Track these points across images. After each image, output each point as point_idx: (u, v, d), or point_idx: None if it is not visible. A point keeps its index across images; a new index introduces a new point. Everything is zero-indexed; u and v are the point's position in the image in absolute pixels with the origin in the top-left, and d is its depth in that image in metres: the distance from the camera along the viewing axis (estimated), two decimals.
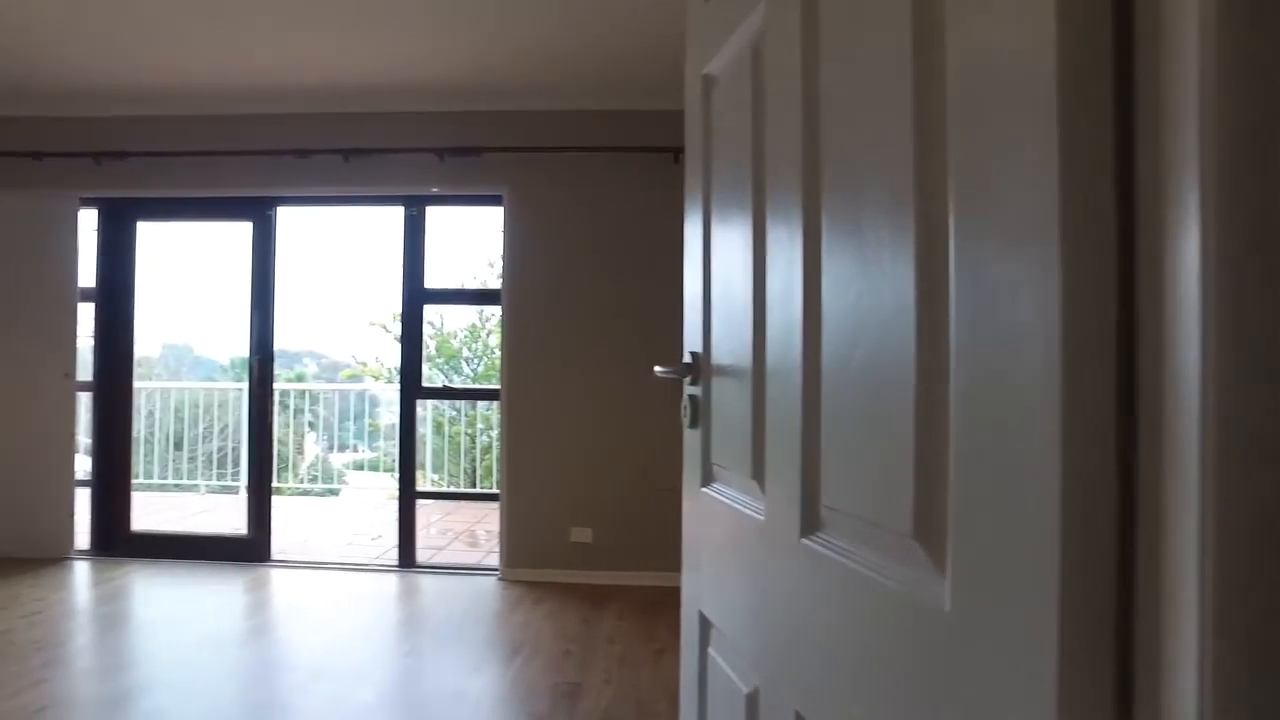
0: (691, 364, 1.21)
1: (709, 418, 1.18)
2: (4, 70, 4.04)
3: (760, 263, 0.99)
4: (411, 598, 4.02)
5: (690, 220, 1.31)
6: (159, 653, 3.17)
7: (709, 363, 1.18)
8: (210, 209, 4.64)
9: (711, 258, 1.21)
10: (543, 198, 4.33)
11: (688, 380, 1.24)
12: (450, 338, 7.62)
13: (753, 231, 1.02)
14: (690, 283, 1.30)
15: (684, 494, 1.32)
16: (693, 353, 1.23)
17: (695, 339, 1.23)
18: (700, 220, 1.26)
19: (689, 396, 1.23)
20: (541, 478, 4.28)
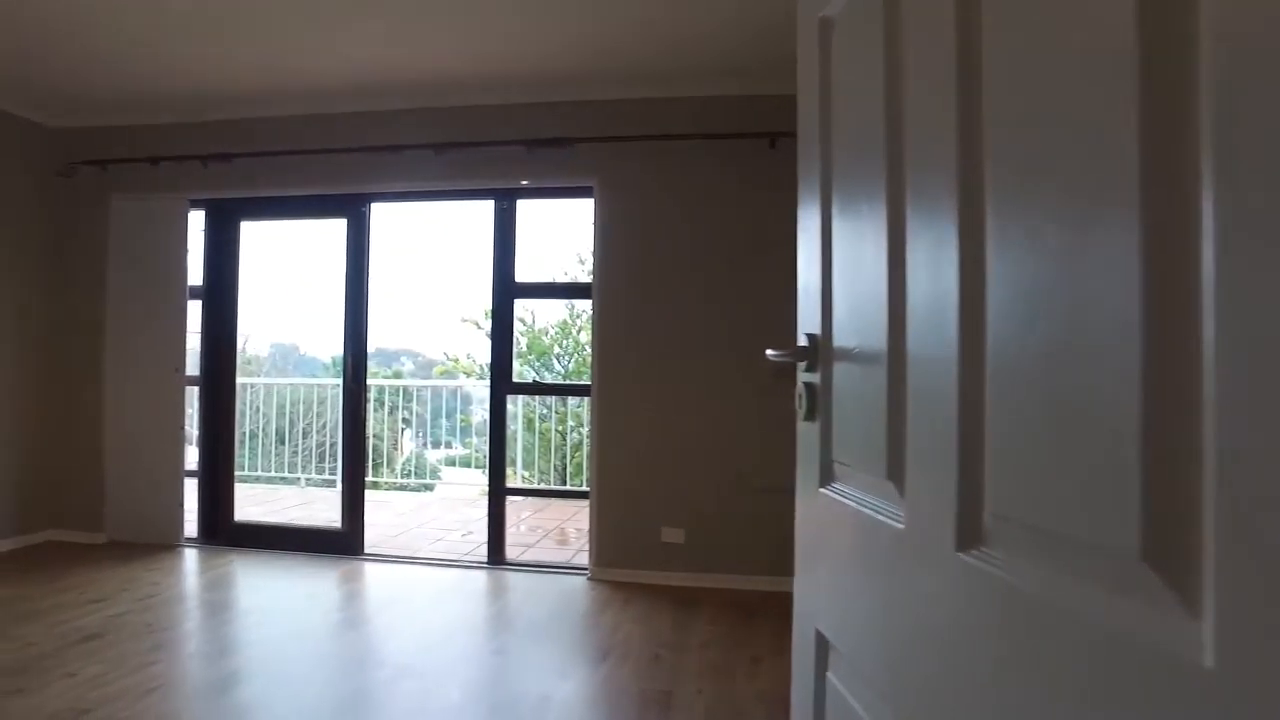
0: (808, 347, 1.06)
1: (829, 409, 1.03)
2: (125, 82, 4.21)
3: (898, 236, 0.84)
4: (500, 595, 3.98)
5: (805, 189, 1.16)
6: (256, 641, 3.21)
7: (830, 346, 1.02)
8: (307, 206, 4.73)
9: (832, 229, 1.06)
10: (633, 188, 4.22)
11: (803, 366, 1.08)
12: (541, 334, 7.62)
13: (888, 201, 0.86)
14: (805, 257, 1.14)
15: (798, 494, 1.16)
16: (809, 335, 1.07)
17: (812, 320, 1.08)
18: (817, 189, 1.10)
19: (804, 385, 1.08)
20: (632, 476, 4.17)
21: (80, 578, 4.01)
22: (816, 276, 1.09)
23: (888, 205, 0.86)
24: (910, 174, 0.82)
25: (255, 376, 8.64)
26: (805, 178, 1.17)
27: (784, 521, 3.88)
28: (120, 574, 4.08)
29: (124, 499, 4.73)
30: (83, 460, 4.79)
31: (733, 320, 4.07)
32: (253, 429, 7.24)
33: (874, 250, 0.89)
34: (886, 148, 0.87)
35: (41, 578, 4.01)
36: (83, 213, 4.83)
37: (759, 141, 4.01)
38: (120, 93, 4.39)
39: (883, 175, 0.87)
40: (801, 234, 1.17)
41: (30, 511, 4.74)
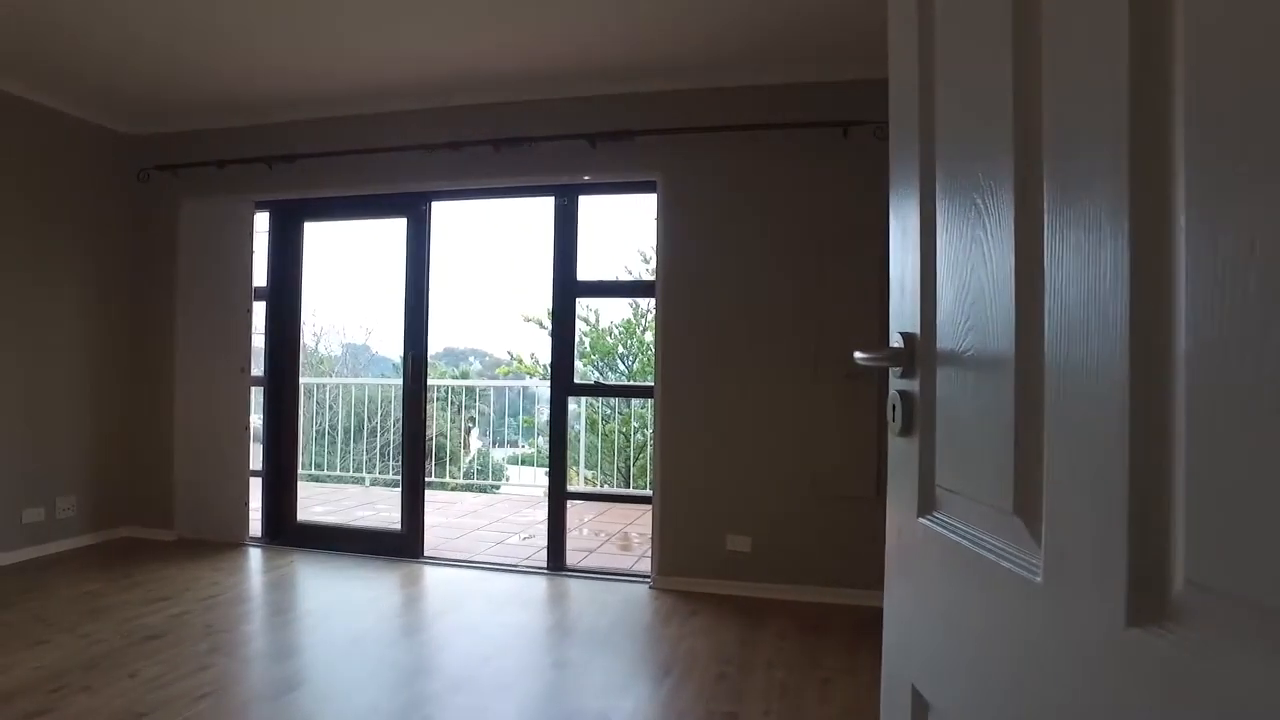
0: (903, 350, 0.88)
1: (930, 422, 0.85)
2: (194, 87, 4.26)
3: (1030, 223, 0.65)
4: (559, 603, 3.86)
5: (899, 174, 0.98)
6: (310, 646, 3.16)
7: (931, 349, 0.85)
8: (368, 206, 4.71)
9: (935, 216, 0.88)
10: (698, 182, 4.05)
11: (896, 372, 0.91)
12: (606, 334, 7.52)
13: (1016, 186, 0.69)
14: (899, 247, 0.97)
15: (889, 521, 0.99)
16: (904, 334, 0.90)
17: (907, 318, 0.90)
18: (915, 173, 0.92)
19: (898, 393, 0.90)
20: (697, 481, 4.00)
21: (148, 575, 4.06)
22: (913, 269, 0.92)
23: (1015, 190, 0.68)
24: (1050, 154, 0.64)
25: (327, 376, 8.80)
26: (899, 162, 1.00)
27: (855, 530, 3.67)
28: (185, 573, 4.11)
29: (192, 498, 4.80)
30: (155, 459, 4.88)
31: (803, 319, 3.87)
32: (319, 428, 7.33)
33: (995, 240, 0.71)
34: (1015, 124, 0.69)
35: (114, 574, 4.08)
36: (155, 216, 4.92)
37: (831, 131, 3.81)
38: (190, 98, 4.44)
39: (1009, 155, 0.69)
40: (895, 222, 1.00)
41: (108, 508, 4.85)
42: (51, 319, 4.52)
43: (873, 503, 3.78)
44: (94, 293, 4.77)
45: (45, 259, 4.48)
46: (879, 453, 3.78)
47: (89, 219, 4.74)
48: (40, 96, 4.39)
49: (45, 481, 4.50)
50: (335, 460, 7.31)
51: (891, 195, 1.01)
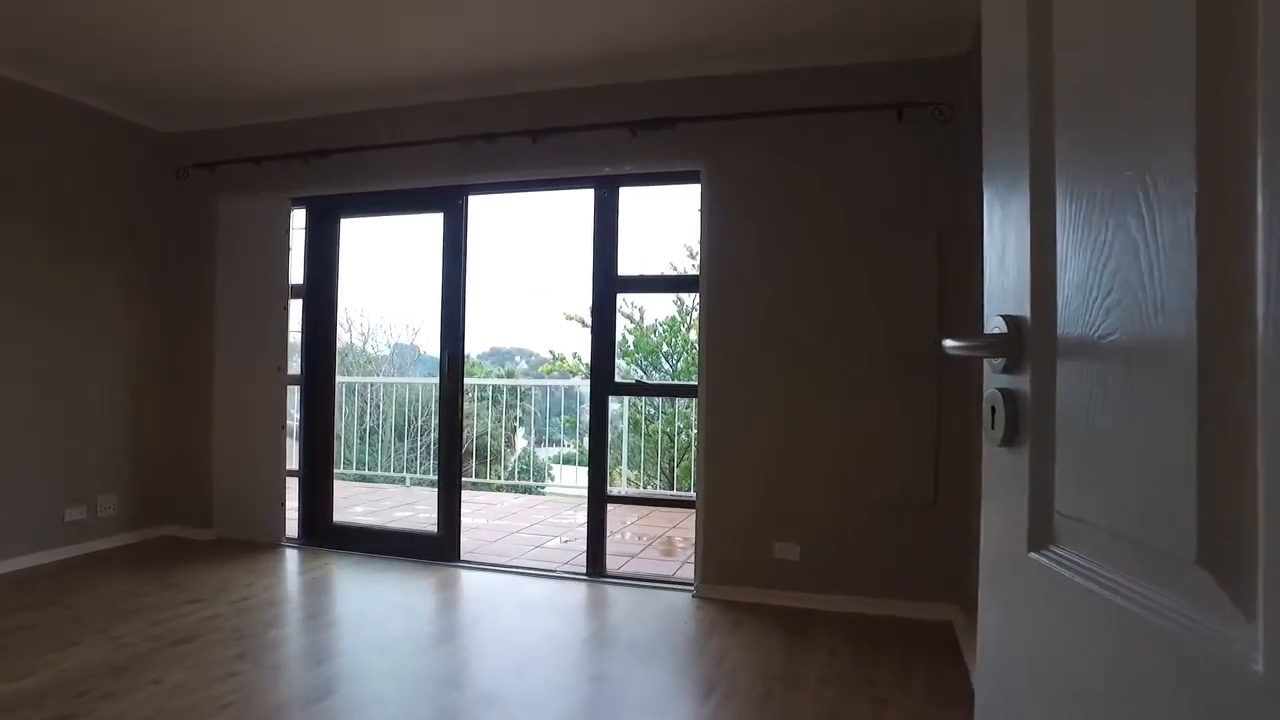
0: (1008, 336, 0.69)
1: (1047, 429, 0.66)
2: (231, 84, 4.19)
3: (1222, 177, 0.46)
4: (598, 612, 3.70)
5: (995, 128, 0.78)
6: (338, 654, 3.04)
7: (1050, 334, 0.65)
8: (404, 201, 4.60)
9: (1056, 163, 0.68)
10: (742, 170, 3.85)
11: (998, 365, 0.71)
12: (649, 332, 7.34)
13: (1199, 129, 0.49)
14: (1000, 213, 0.77)
15: (984, 555, 0.79)
16: (1008, 318, 0.70)
17: (1011, 297, 0.71)
18: (1026, 104, 0.72)
19: (999, 392, 0.71)
20: (743, 484, 3.81)
21: (184, 575, 4.01)
22: (1020, 237, 0.72)
23: (1199, 133, 0.49)
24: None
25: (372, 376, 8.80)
26: (998, 116, 0.80)
27: (910, 539, 3.42)
28: (220, 574, 4.05)
29: (230, 497, 4.75)
30: (194, 458, 4.85)
31: (855, 313, 3.64)
32: (363, 429, 7.30)
33: (1162, 182, 0.52)
34: (1199, 56, 0.50)
35: (150, 574, 4.03)
36: (193, 214, 4.89)
37: (883, 114, 3.58)
38: (226, 95, 4.38)
39: (1190, 84, 0.50)
40: (992, 189, 0.80)
41: (148, 508, 4.83)
42: (93, 318, 4.51)
43: (930, 510, 3.55)
44: (134, 292, 4.75)
45: (86, 258, 4.47)
46: (937, 456, 3.54)
47: (129, 218, 4.73)
48: (81, 95, 4.38)
49: (87, 480, 4.49)
50: (377, 460, 7.27)
51: (986, 157, 0.82)
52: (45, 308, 4.26)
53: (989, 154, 0.83)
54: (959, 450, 3.47)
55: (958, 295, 3.47)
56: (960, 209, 3.45)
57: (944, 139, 3.53)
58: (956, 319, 3.47)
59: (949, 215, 3.52)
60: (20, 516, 4.15)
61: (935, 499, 3.54)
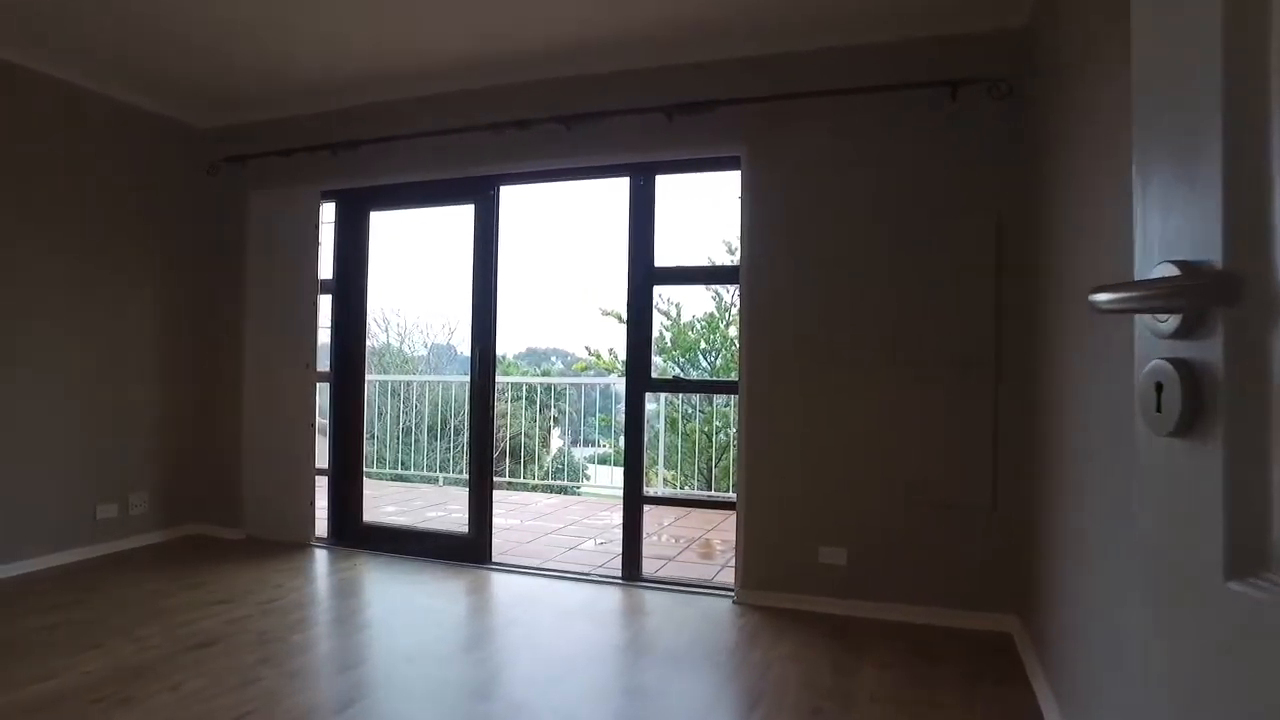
0: (1190, 286, 0.50)
1: (1257, 414, 0.47)
2: (253, 75, 4.12)
3: None
4: (634, 618, 3.52)
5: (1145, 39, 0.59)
6: (364, 661, 2.91)
7: (1269, 278, 0.46)
8: (434, 192, 4.48)
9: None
10: (785, 155, 3.66)
11: (1170, 324, 0.53)
12: (687, 329, 7.15)
13: None
14: (1170, 131, 0.58)
15: (1150, 582, 0.60)
16: (1185, 264, 0.51)
17: (1193, 239, 0.52)
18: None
19: (1169, 365, 0.52)
20: (786, 485, 3.61)
21: (211, 575, 3.93)
22: (1211, 162, 0.53)
23: None
24: None
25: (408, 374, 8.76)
26: None
27: (967, 544, 3.18)
28: (248, 574, 3.97)
29: (259, 496, 4.68)
30: (224, 457, 4.79)
31: (905, 305, 3.43)
32: (393, 427, 7.23)
33: None
34: None
35: (178, 574, 3.97)
36: (224, 209, 4.83)
37: (936, 91, 3.36)
38: (256, 87, 4.31)
39: None
40: (1143, 99, 0.62)
41: (179, 505, 4.78)
42: (124, 315, 4.47)
43: (987, 514, 3.32)
44: (166, 289, 4.71)
45: (119, 255, 4.43)
46: (996, 456, 3.30)
47: (162, 214, 4.69)
48: (113, 90, 4.33)
49: (118, 478, 4.45)
50: (412, 459, 7.20)
51: (1138, 74, 0.64)
52: (78, 306, 4.23)
53: (1144, 63, 0.64)
54: (1019, 450, 3.23)
55: (1017, 283, 3.24)
56: (1022, 190, 3.22)
57: (1002, 116, 3.30)
58: (1016, 308, 3.24)
59: (1008, 198, 3.29)
60: (53, 514, 4.12)
61: (994, 502, 3.31)
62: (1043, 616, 2.74)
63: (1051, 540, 2.65)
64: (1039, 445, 2.94)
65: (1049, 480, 2.73)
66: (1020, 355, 3.24)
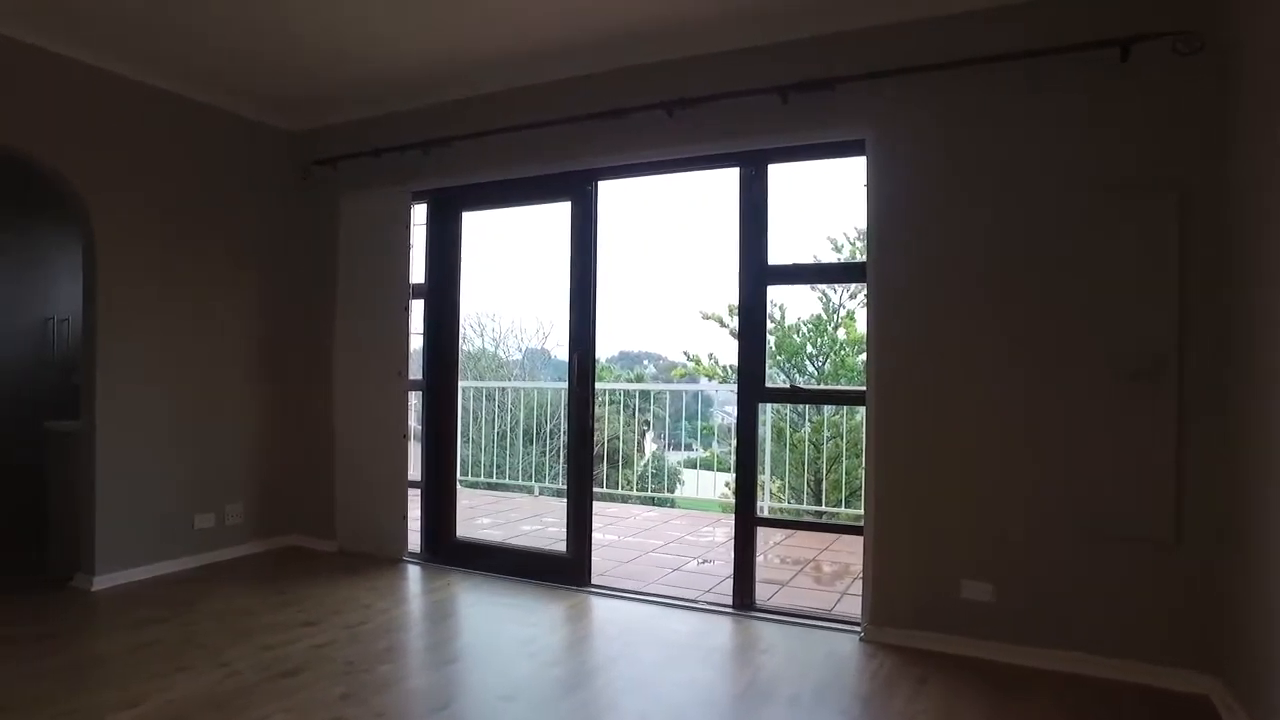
0: None
1: None
2: (348, 73, 3.98)
3: None
4: (748, 657, 3.15)
5: None
6: (454, 699, 2.63)
7: None
8: (529, 190, 4.22)
9: None
10: (919, 136, 3.22)
11: None
12: (792, 331, 6.71)
13: None
14: None
15: None
16: None
17: None
18: None
19: None
20: (922, 508, 3.17)
21: (301, 592, 3.79)
22: None
23: None
24: None
25: (503, 380, 8.65)
26: None
27: (1144, 584, 2.61)
28: (338, 592, 3.80)
29: (351, 508, 4.54)
30: (317, 467, 4.68)
31: (1065, 303, 2.95)
32: (490, 435, 7.08)
33: None
34: None
35: (269, 588, 3.85)
36: (317, 214, 4.74)
37: (1102, 53, 2.86)
38: (345, 86, 4.18)
39: None
40: None
41: (274, 517, 4.71)
42: (221, 325, 4.41)
43: (1168, 549, 2.79)
44: (262, 298, 4.64)
45: (214, 264, 4.38)
46: (1180, 481, 2.78)
47: (259, 221, 4.62)
48: (211, 97, 4.28)
49: (216, 488, 4.39)
50: (506, 466, 7.02)
51: None
52: (179, 317, 4.19)
53: None
54: (1212, 474, 2.70)
55: (1209, 276, 2.72)
56: (1216, 163, 2.70)
57: (1189, 77, 2.78)
58: (1207, 306, 2.72)
59: (1197, 172, 2.77)
60: (155, 524, 4.08)
61: (1178, 535, 2.78)
62: (1262, 683, 2.23)
63: (1273, 588, 2.14)
64: (1247, 470, 2.42)
65: (1267, 513, 2.22)
66: (1212, 362, 2.71)
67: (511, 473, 6.98)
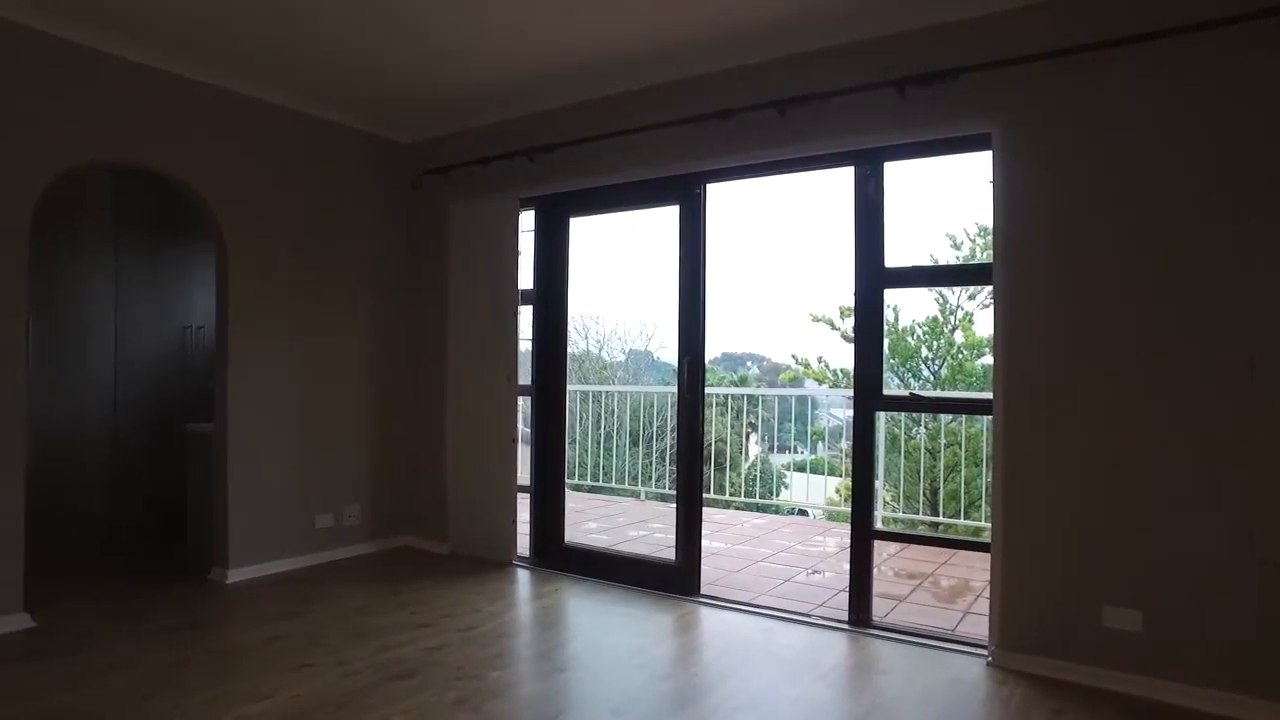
0: None
1: None
2: (457, 83, 4.05)
3: None
4: (866, 678, 3.00)
5: None
6: (567, 713, 2.59)
7: None
8: (636, 194, 4.18)
9: None
10: (1054, 126, 2.99)
11: None
12: (906, 334, 6.45)
13: None
14: None
15: None
16: None
17: None
18: None
19: None
20: (1057, 525, 2.95)
21: (415, 594, 3.87)
22: None
23: None
24: None
25: (607, 384, 8.69)
26: None
27: None
28: (450, 594, 3.87)
29: (462, 512, 4.63)
30: (430, 470, 4.79)
31: (1224, 300, 2.67)
32: (597, 438, 7.10)
33: None
34: None
35: (384, 589, 3.96)
36: (428, 222, 4.86)
37: (1266, 23, 2.58)
38: (454, 98, 4.26)
39: None
40: None
41: (389, 518, 4.85)
42: (339, 332, 4.58)
43: None
44: (378, 305, 4.80)
45: (335, 274, 4.56)
46: None
47: (374, 231, 4.78)
48: (328, 112, 4.45)
49: (335, 490, 4.55)
50: (611, 470, 7.03)
51: None
52: (301, 324, 4.37)
53: None
54: None
55: None
56: None
57: None
58: None
59: None
60: (280, 522, 4.27)
61: None
62: None
63: None
64: None
65: None
66: None
67: (617, 476, 6.98)
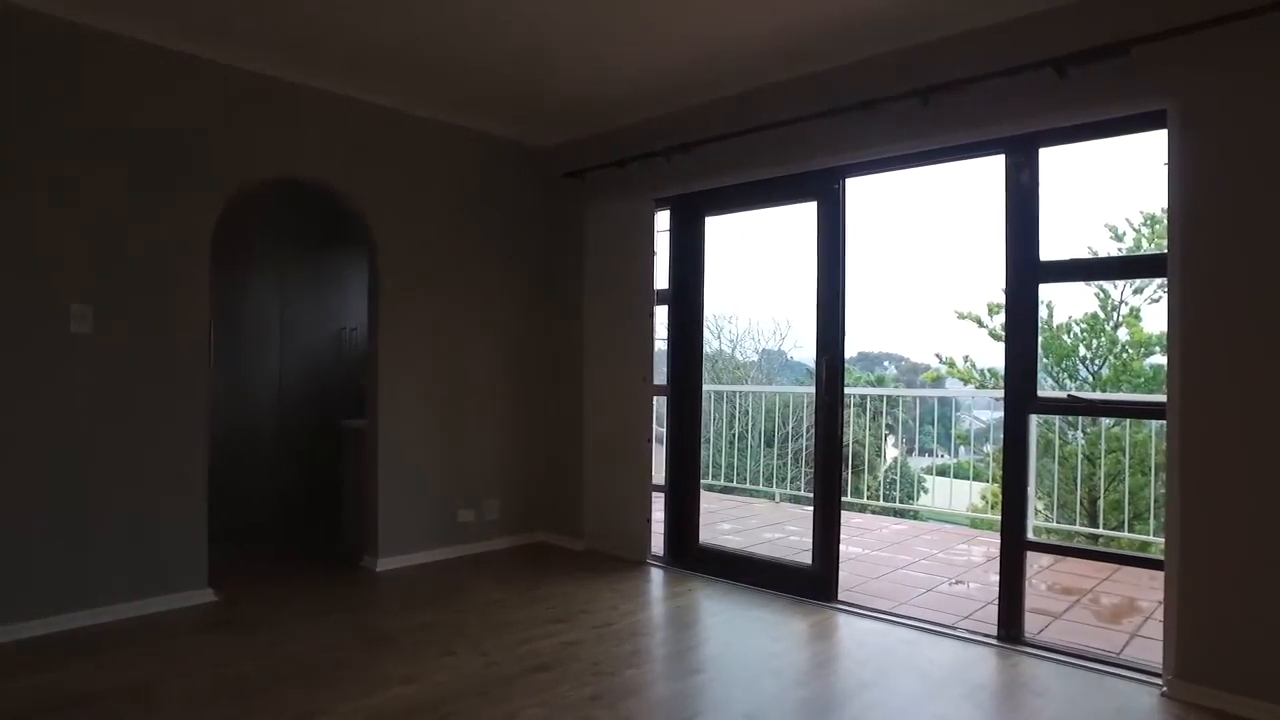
0: None
1: None
2: (583, 88, 4.11)
3: None
4: (1020, 699, 2.80)
5: None
6: (699, 714, 2.57)
7: None
8: (772, 191, 4.10)
9: None
10: (1244, 100, 2.69)
11: None
12: (1061, 332, 6.02)
13: None
14: None
15: None
16: None
17: None
18: None
19: None
20: (1248, 544, 2.65)
21: (551, 589, 3.96)
22: None
23: None
24: None
25: (740, 384, 8.62)
26: None
27: None
28: (585, 591, 3.94)
29: (599, 509, 4.70)
30: (567, 468, 4.89)
31: None
32: (730, 438, 7.05)
33: None
34: None
35: (521, 583, 4.07)
36: (565, 224, 4.96)
37: None
38: (588, 101, 4.31)
39: None
40: None
41: (526, 513, 4.99)
42: (482, 332, 4.76)
43: None
44: (517, 307, 4.95)
45: (478, 277, 4.75)
46: None
47: (512, 234, 4.94)
48: (468, 121, 4.62)
49: (475, 485, 4.73)
50: (745, 470, 6.96)
51: None
52: (446, 325, 4.58)
53: None
54: None
55: None
56: None
57: None
58: None
59: None
60: (425, 515, 4.48)
61: None
62: None
63: None
64: None
65: None
66: None
67: (750, 477, 6.90)
